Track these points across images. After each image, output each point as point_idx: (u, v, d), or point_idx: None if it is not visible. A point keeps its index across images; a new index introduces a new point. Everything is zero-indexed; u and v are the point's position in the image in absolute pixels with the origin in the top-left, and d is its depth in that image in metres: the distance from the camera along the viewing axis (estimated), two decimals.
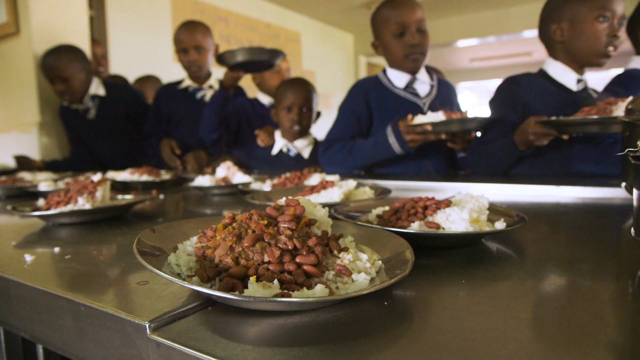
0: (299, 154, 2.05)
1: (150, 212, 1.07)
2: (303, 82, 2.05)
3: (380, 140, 1.54)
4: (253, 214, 0.47)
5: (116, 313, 0.41)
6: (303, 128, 2.01)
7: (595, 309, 0.41)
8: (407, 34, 1.65)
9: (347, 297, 0.38)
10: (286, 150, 2.05)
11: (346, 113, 1.79)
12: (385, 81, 1.78)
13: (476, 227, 0.58)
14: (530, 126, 1.35)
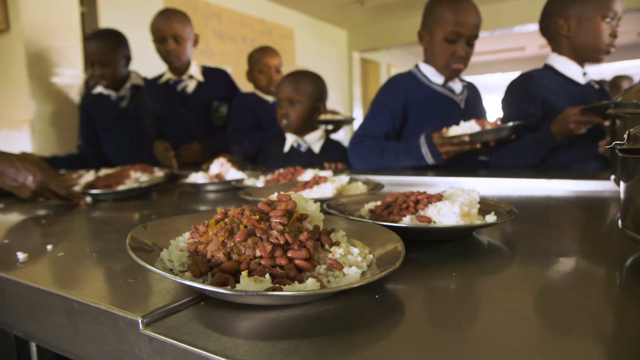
0: (310, 149, 1.98)
1: (143, 209, 1.07)
2: (295, 75, 1.99)
3: (412, 149, 1.51)
4: (245, 209, 0.47)
5: (109, 309, 0.42)
6: (290, 122, 1.94)
7: (584, 300, 0.41)
8: (459, 45, 1.62)
9: (338, 290, 0.38)
10: (296, 146, 1.99)
11: (380, 108, 1.73)
12: (420, 76, 1.74)
13: (467, 221, 0.58)
14: (571, 115, 1.37)
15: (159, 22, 2.14)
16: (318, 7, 5.88)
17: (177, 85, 2.30)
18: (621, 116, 0.69)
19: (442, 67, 1.69)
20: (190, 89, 2.30)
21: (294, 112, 1.93)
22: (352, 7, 5.92)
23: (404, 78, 1.78)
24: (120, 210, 1.06)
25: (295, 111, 1.93)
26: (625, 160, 0.48)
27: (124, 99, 2.37)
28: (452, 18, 1.60)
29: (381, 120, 1.72)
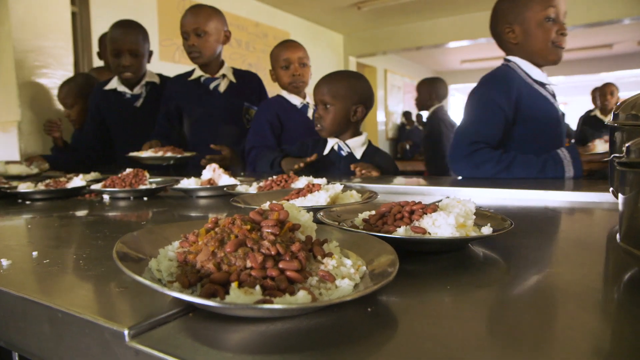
0: (351, 154, 1.85)
1: (132, 214, 1.06)
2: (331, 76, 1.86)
3: (550, 163, 1.42)
4: (236, 218, 0.46)
5: (94, 319, 0.40)
6: (323, 127, 1.82)
7: (580, 316, 0.40)
8: (558, 22, 1.54)
9: (330, 304, 0.37)
10: (337, 149, 1.87)
11: (491, 107, 1.52)
12: (520, 72, 1.60)
13: (462, 232, 0.57)
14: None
15: (183, 18, 2.09)
16: (314, 11, 5.90)
17: (210, 83, 2.22)
18: (619, 128, 0.68)
19: (546, 52, 1.57)
20: (222, 88, 2.23)
21: (327, 116, 1.81)
22: (348, 11, 5.94)
23: (512, 73, 1.59)
24: (109, 215, 1.04)
25: (329, 115, 1.81)
26: (624, 174, 0.47)
27: (139, 98, 2.31)
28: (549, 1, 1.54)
29: (494, 122, 1.53)
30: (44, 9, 2.47)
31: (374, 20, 6.47)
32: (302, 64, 2.12)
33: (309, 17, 6.16)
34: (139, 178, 1.31)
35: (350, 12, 5.99)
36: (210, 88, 2.21)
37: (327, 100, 1.79)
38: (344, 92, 1.80)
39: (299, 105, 2.16)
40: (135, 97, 2.30)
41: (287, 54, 2.11)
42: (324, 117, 1.81)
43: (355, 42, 7.11)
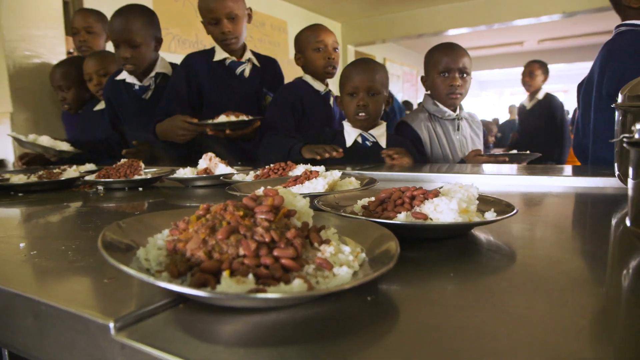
0: (377, 143, 1.79)
1: (127, 205, 1.04)
2: (370, 63, 1.81)
3: None
4: (228, 204, 0.44)
5: (79, 312, 0.38)
6: (370, 115, 1.75)
7: (589, 303, 0.38)
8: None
9: (327, 293, 0.35)
10: (361, 141, 1.80)
11: None
12: None
13: (465, 218, 0.55)
14: None
15: (210, 2, 1.92)
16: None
17: (236, 67, 2.06)
18: (628, 109, 0.66)
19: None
20: (247, 73, 2.08)
21: (375, 104, 1.74)
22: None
23: None
24: (102, 206, 1.02)
25: (377, 103, 1.74)
26: (636, 154, 0.45)
27: (148, 90, 2.15)
28: None
29: None
30: None
31: (373, 8, 6.40)
32: (335, 49, 2.02)
33: (306, 5, 6.10)
34: (133, 168, 1.28)
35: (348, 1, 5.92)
36: (236, 73, 2.06)
37: (376, 88, 1.73)
38: (386, 80, 1.80)
39: (322, 92, 2.05)
40: (143, 88, 2.15)
41: (323, 36, 1.99)
42: (372, 105, 1.74)
43: (354, 31, 7.04)
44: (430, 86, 1.89)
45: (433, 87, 1.87)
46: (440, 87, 1.83)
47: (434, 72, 1.84)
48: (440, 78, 1.82)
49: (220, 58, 2.04)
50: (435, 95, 1.87)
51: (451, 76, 1.80)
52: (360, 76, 1.74)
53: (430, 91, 1.91)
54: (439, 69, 1.82)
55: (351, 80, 1.76)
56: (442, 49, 1.87)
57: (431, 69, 1.86)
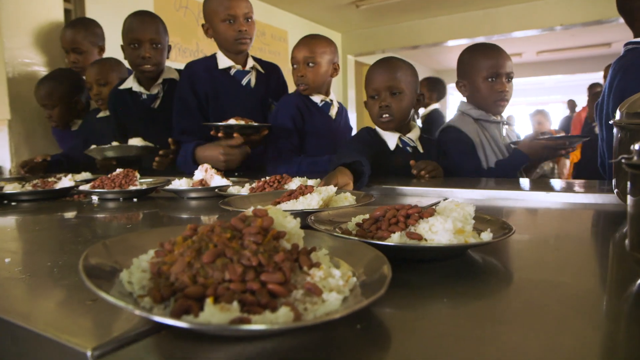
0: (416, 148, 1.69)
1: (120, 217, 1.02)
2: (391, 61, 1.67)
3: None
4: (215, 226, 0.43)
5: (56, 338, 0.37)
6: (393, 116, 1.63)
7: (586, 333, 0.37)
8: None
9: (313, 324, 0.34)
10: (402, 145, 1.67)
11: None
12: None
13: (461, 239, 0.54)
14: None
15: (226, 1, 1.84)
16: (312, 9, 5.86)
17: (242, 77, 1.98)
18: (625, 127, 0.65)
19: None
20: (253, 82, 2.00)
21: (398, 104, 1.62)
22: (346, 9, 5.90)
23: None
24: (95, 217, 1.00)
25: (400, 103, 1.62)
26: (634, 177, 0.44)
27: (156, 99, 2.09)
28: None
29: None
30: (35, 5, 2.41)
31: (372, 19, 6.43)
32: (307, 64, 1.85)
33: (306, 15, 6.12)
34: (129, 179, 1.27)
35: (349, 10, 5.94)
36: (242, 83, 1.98)
37: (399, 87, 1.62)
38: (411, 78, 1.66)
39: (320, 103, 1.94)
40: (151, 97, 2.09)
41: (294, 52, 1.89)
42: (395, 105, 1.62)
43: (354, 41, 7.05)
44: (472, 92, 1.76)
45: (477, 92, 1.74)
46: (486, 93, 1.71)
47: (478, 78, 1.71)
48: (487, 83, 1.69)
49: (225, 66, 1.96)
50: (479, 101, 1.75)
51: (498, 81, 1.69)
52: (381, 76, 1.64)
53: (472, 97, 1.77)
54: (484, 74, 1.69)
55: (372, 82, 1.66)
56: (485, 51, 1.74)
57: (474, 73, 1.72)
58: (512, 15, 5.94)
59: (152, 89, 2.09)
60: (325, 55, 1.85)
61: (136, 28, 1.96)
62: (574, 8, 5.55)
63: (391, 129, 1.67)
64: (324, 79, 1.88)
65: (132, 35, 1.96)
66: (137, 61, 1.99)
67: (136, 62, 2.00)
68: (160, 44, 2.00)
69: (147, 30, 1.95)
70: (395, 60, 1.68)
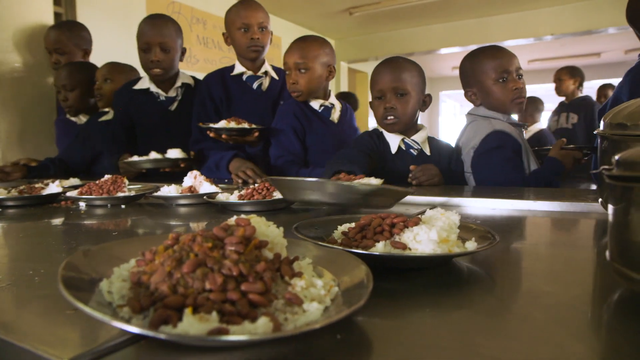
0: (422, 151, 1.63)
1: (107, 224, 1.01)
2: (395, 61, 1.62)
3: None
4: (197, 235, 0.43)
5: (33, 349, 0.36)
6: (399, 118, 1.58)
7: (567, 342, 0.37)
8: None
9: (293, 334, 0.34)
10: (405, 148, 1.63)
11: None
12: None
13: (445, 248, 0.54)
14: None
15: (242, 10, 1.91)
16: (306, 16, 5.88)
17: (253, 81, 2.02)
18: (608, 137, 0.65)
19: None
20: (265, 87, 2.04)
21: (404, 106, 1.57)
22: (340, 16, 5.93)
23: None
24: (81, 224, 1.00)
25: (406, 105, 1.57)
26: (614, 188, 0.44)
27: (174, 101, 2.11)
28: None
29: None
30: (25, 8, 2.40)
31: (366, 26, 6.46)
32: (299, 69, 1.80)
33: (300, 22, 6.14)
34: (117, 185, 1.26)
35: (342, 18, 5.98)
36: (253, 87, 2.02)
37: (404, 87, 1.57)
38: (418, 78, 1.61)
39: (319, 109, 1.90)
40: (170, 99, 2.10)
41: (285, 57, 1.86)
42: (400, 107, 1.57)
43: (347, 48, 7.09)
44: (485, 98, 1.67)
45: (490, 97, 1.65)
46: (501, 95, 1.63)
47: (487, 81, 1.64)
48: (498, 85, 1.62)
49: (238, 72, 2.02)
50: (495, 106, 1.66)
51: (510, 79, 1.62)
52: (386, 77, 1.59)
53: (486, 103, 1.69)
54: (493, 76, 1.62)
55: (376, 82, 1.62)
56: (489, 53, 1.67)
57: (482, 78, 1.65)
58: (504, 25, 6.01)
59: (170, 92, 2.11)
60: (319, 59, 1.80)
61: (146, 32, 1.99)
62: (565, 18, 5.63)
63: (396, 130, 1.63)
64: (318, 84, 1.83)
65: (143, 39, 1.99)
66: (147, 65, 2.02)
67: (147, 66, 2.03)
68: (170, 48, 2.00)
69: (157, 34, 1.97)
70: (401, 60, 1.63)
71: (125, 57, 2.61)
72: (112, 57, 2.38)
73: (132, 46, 2.11)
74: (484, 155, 1.60)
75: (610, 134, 0.65)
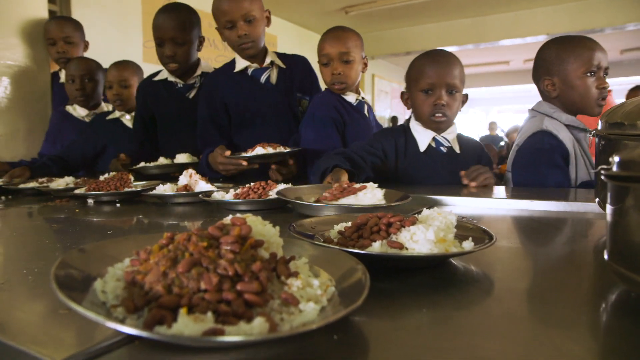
0: (451, 149, 1.55)
1: (101, 222, 1.01)
2: (446, 55, 1.52)
3: None
4: (192, 234, 0.42)
5: (26, 349, 0.36)
6: (448, 116, 1.49)
7: (563, 342, 0.37)
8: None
9: (289, 335, 0.33)
10: (435, 145, 1.54)
11: None
12: None
13: (442, 248, 0.54)
14: None
15: (224, 4, 1.74)
16: (301, 15, 5.88)
17: (260, 75, 1.89)
18: (605, 137, 0.65)
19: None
20: (273, 79, 1.91)
21: (454, 104, 1.48)
22: (336, 15, 5.93)
23: None
24: (75, 222, 0.99)
25: (456, 102, 1.49)
26: (614, 188, 0.44)
27: (192, 89, 2.04)
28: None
29: None
30: (20, 5, 2.38)
31: (362, 25, 6.46)
32: (345, 61, 1.71)
33: (296, 20, 6.13)
34: (123, 181, 1.25)
35: (338, 17, 5.97)
36: (261, 81, 1.89)
37: (456, 85, 1.47)
38: (464, 76, 1.52)
39: (355, 103, 1.82)
40: (187, 87, 2.03)
41: (327, 48, 1.72)
42: (451, 104, 1.47)
43: None
44: (565, 91, 1.52)
45: (572, 91, 1.51)
46: (585, 91, 1.48)
47: (574, 73, 1.49)
48: (584, 80, 1.47)
49: (241, 68, 1.88)
50: (575, 102, 1.51)
51: (598, 76, 1.48)
52: (440, 70, 1.46)
53: (563, 97, 1.54)
54: (582, 68, 1.47)
55: (427, 75, 1.48)
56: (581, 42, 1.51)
57: (568, 68, 1.50)
58: (499, 24, 6.03)
59: (189, 80, 2.04)
60: (359, 50, 1.75)
61: (159, 26, 1.90)
62: (560, 18, 5.65)
63: (441, 129, 1.53)
64: (358, 76, 1.78)
65: (156, 33, 1.92)
66: (163, 59, 1.95)
67: (163, 60, 1.96)
68: (184, 41, 1.90)
69: (169, 28, 1.87)
70: (450, 54, 1.52)
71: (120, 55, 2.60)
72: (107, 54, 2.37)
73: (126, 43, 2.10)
74: (526, 155, 1.51)
75: (608, 134, 0.64)
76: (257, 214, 0.49)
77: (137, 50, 3.72)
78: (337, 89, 1.75)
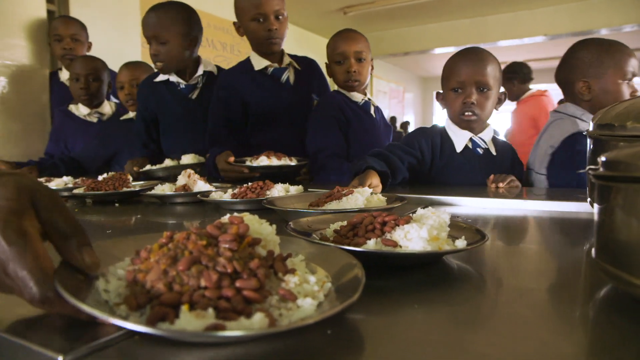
0: (488, 151, 1.51)
1: (100, 221, 1.02)
2: (478, 52, 1.49)
3: None
4: (191, 233, 0.43)
5: (28, 344, 0.37)
6: (479, 116, 1.46)
7: (551, 338, 0.38)
8: None
9: (287, 330, 0.35)
10: (471, 147, 1.51)
11: None
12: None
13: (435, 246, 0.55)
14: None
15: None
16: (300, 15, 5.88)
17: (280, 74, 1.89)
18: (596, 138, 0.67)
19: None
20: (292, 79, 1.91)
21: (486, 102, 1.44)
22: (334, 15, 5.94)
23: None
24: None
25: (488, 100, 1.44)
26: (600, 188, 0.45)
27: (195, 89, 2.02)
28: None
29: None
30: (18, 5, 2.39)
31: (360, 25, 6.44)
32: (359, 59, 1.77)
33: (294, 21, 6.14)
34: (122, 181, 1.26)
35: (336, 17, 5.98)
36: (282, 80, 1.89)
37: (487, 82, 1.43)
38: (499, 74, 1.47)
39: (361, 102, 1.86)
40: (189, 87, 2.01)
41: (343, 47, 1.76)
42: (483, 103, 1.44)
43: None
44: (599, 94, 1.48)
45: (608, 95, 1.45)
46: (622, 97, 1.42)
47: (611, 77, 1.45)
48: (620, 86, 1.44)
49: (262, 67, 1.87)
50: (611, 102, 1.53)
51: (631, 83, 1.45)
52: (469, 68, 1.44)
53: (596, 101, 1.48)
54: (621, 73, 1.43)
55: (457, 73, 1.46)
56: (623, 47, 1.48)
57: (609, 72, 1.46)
58: (498, 25, 6.05)
59: (191, 81, 2.02)
60: (368, 52, 1.83)
61: (144, 24, 1.89)
62: (559, 19, 5.68)
63: (472, 128, 1.51)
64: (368, 76, 1.86)
65: (144, 32, 1.92)
66: (151, 58, 1.94)
67: (152, 60, 1.95)
68: (166, 40, 1.86)
69: (151, 26, 1.86)
70: (483, 51, 1.49)
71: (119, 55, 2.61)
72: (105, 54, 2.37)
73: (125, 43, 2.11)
74: (565, 158, 1.47)
75: (598, 135, 0.66)
76: (255, 213, 0.50)
77: (136, 50, 3.72)
78: (352, 85, 1.79)
